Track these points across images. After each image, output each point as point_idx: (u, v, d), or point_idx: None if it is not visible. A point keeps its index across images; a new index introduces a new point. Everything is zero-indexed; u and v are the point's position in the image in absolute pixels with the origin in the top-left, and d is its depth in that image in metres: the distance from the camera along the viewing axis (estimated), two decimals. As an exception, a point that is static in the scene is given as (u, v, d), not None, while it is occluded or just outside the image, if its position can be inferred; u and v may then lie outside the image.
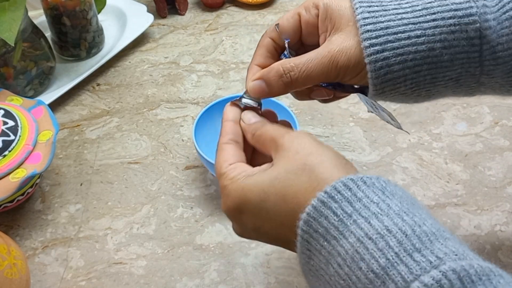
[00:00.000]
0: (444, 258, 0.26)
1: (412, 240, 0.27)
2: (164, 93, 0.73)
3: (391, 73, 0.36)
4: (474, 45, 0.35)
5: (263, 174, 0.34)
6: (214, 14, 0.88)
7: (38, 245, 0.56)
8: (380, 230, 0.28)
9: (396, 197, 0.30)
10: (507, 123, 0.66)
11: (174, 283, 0.52)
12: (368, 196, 0.29)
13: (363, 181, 0.30)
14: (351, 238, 0.28)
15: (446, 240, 0.28)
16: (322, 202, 0.30)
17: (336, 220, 0.29)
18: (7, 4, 0.58)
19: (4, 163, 0.52)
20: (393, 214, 0.28)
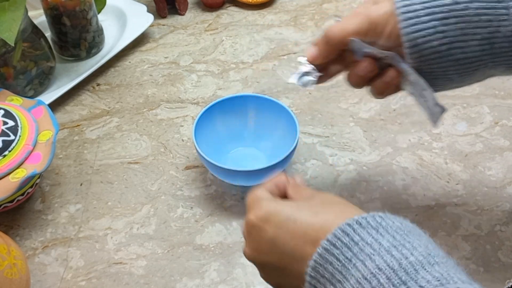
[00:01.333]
0: (426, 286, 0.29)
1: (399, 274, 0.30)
2: (164, 93, 0.73)
3: (421, 24, 0.38)
4: (500, 1, 0.37)
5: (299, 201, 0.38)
6: (214, 14, 0.88)
7: (38, 245, 0.56)
8: (373, 270, 0.31)
9: (390, 231, 0.32)
10: (507, 123, 0.66)
11: (174, 283, 0.52)
12: (363, 238, 0.32)
13: (359, 223, 0.33)
14: (352, 280, 0.31)
15: (432, 266, 0.30)
16: (326, 250, 0.33)
17: (339, 265, 0.32)
18: (7, 4, 0.58)
19: (4, 163, 0.52)
20: (384, 252, 0.31)
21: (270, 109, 0.61)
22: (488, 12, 0.37)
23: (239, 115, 0.62)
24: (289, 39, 0.81)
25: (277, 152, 0.58)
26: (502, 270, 0.52)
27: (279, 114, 0.60)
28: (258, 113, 0.62)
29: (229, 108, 0.61)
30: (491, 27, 0.37)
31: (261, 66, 0.77)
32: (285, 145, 0.58)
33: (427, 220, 0.56)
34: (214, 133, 0.61)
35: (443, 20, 0.38)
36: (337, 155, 0.63)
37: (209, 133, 0.60)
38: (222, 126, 0.62)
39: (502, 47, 0.38)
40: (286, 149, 0.56)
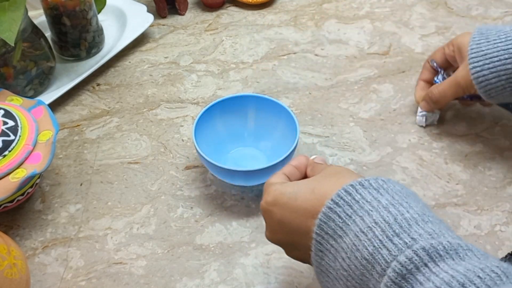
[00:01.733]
0: (418, 238, 0.32)
1: (393, 227, 0.33)
2: (164, 93, 0.73)
3: (490, 85, 0.54)
4: None
5: (303, 179, 0.42)
6: (214, 14, 0.88)
7: (38, 245, 0.56)
8: (369, 224, 0.34)
9: (390, 192, 0.36)
10: (507, 123, 0.66)
11: (174, 283, 0.52)
12: (364, 197, 0.35)
13: (361, 184, 0.36)
14: (351, 234, 0.34)
15: (426, 223, 0.33)
16: (329, 208, 0.36)
17: (340, 222, 0.35)
18: (7, 4, 0.58)
19: (4, 163, 0.52)
20: (381, 208, 0.34)
21: (270, 109, 0.61)
22: None
23: (239, 115, 0.62)
24: (289, 39, 0.81)
25: (277, 152, 0.58)
26: (502, 270, 0.52)
27: (279, 114, 0.60)
28: (258, 113, 0.62)
29: (229, 108, 0.61)
30: None
31: (261, 66, 0.77)
32: (285, 145, 0.58)
33: (427, 220, 0.56)
34: (214, 133, 0.61)
35: (509, 79, 0.52)
36: (337, 155, 0.63)
37: (209, 133, 0.60)
38: (222, 126, 0.62)
39: None
40: (286, 149, 0.56)
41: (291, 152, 0.55)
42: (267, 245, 0.55)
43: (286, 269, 0.53)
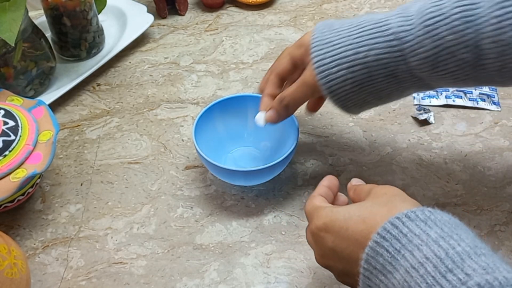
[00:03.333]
0: (472, 274, 0.30)
1: (445, 263, 0.32)
2: (164, 93, 0.73)
3: (332, 74, 0.47)
4: (394, 46, 0.44)
5: (353, 204, 0.41)
6: (214, 15, 0.88)
7: (38, 245, 0.56)
8: (420, 259, 0.33)
9: (438, 223, 0.35)
10: (507, 123, 0.66)
11: (174, 283, 0.52)
12: (412, 230, 0.35)
13: (408, 216, 0.35)
14: (401, 270, 0.33)
15: (479, 257, 0.32)
16: (376, 243, 0.36)
17: (389, 257, 0.35)
18: (7, 4, 0.58)
19: (5, 163, 0.52)
20: (431, 242, 0.33)
21: None
22: (386, 56, 0.45)
23: (239, 115, 0.62)
24: (289, 39, 0.81)
25: (277, 152, 0.59)
26: (502, 270, 0.52)
27: None
28: None
29: (229, 108, 0.61)
30: (391, 67, 0.45)
31: (261, 66, 0.77)
32: (285, 145, 0.58)
33: (427, 220, 0.56)
34: (214, 133, 0.61)
35: (349, 69, 0.46)
36: (337, 155, 0.64)
37: (209, 133, 0.60)
38: (222, 126, 0.62)
39: (404, 77, 0.46)
40: (286, 149, 0.56)
41: (291, 152, 0.55)
42: (267, 245, 0.55)
43: (286, 269, 0.53)
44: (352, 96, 0.48)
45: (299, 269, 0.53)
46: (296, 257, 0.54)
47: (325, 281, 0.52)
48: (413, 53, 0.43)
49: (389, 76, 0.46)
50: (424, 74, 0.45)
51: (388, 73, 0.46)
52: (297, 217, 0.57)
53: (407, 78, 0.46)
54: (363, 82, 0.47)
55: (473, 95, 0.69)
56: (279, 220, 0.57)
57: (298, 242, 0.55)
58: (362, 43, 0.45)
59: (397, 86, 0.47)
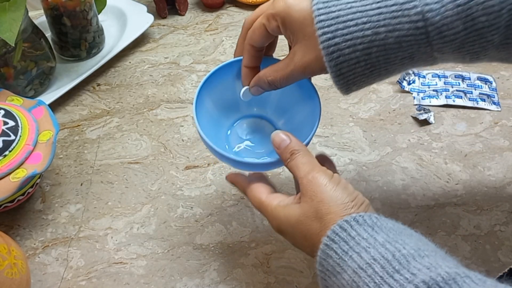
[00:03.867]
0: (418, 273, 0.32)
1: (392, 264, 0.33)
2: (164, 93, 0.73)
3: (343, 56, 0.40)
4: (419, 27, 0.38)
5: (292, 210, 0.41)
6: (214, 15, 0.88)
7: (38, 245, 0.56)
8: (368, 260, 0.34)
9: (384, 230, 0.36)
10: (507, 123, 0.66)
11: (174, 283, 0.52)
12: (359, 233, 0.36)
13: (356, 220, 0.37)
14: (349, 271, 0.35)
15: (422, 258, 0.34)
16: (326, 245, 0.37)
17: (337, 258, 0.36)
18: (7, 4, 0.58)
19: (5, 163, 0.52)
20: (378, 245, 0.35)
21: None
22: (408, 39, 0.39)
23: (228, 88, 0.52)
24: (289, 39, 0.81)
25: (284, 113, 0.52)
26: (502, 270, 0.52)
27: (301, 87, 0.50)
28: None
29: (216, 85, 0.51)
30: (411, 49, 0.40)
31: (261, 66, 0.77)
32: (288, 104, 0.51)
33: (427, 220, 0.56)
34: (211, 118, 0.53)
35: (365, 50, 0.40)
36: (337, 155, 0.64)
37: (207, 119, 0.52)
38: (215, 107, 0.53)
39: (420, 59, 0.41)
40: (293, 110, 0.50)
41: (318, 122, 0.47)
42: (267, 245, 0.55)
43: (286, 269, 0.53)
44: (360, 79, 0.43)
45: (299, 269, 0.53)
46: (296, 257, 0.54)
47: (325, 281, 0.52)
48: (440, 35, 0.38)
49: (406, 59, 0.41)
50: (444, 56, 0.41)
51: (406, 56, 0.41)
52: (297, 217, 0.57)
53: (422, 58, 0.41)
54: (377, 65, 0.41)
55: (473, 95, 0.69)
56: (279, 220, 0.57)
57: (298, 242, 0.55)
58: (381, 22, 0.39)
59: (410, 67, 0.43)
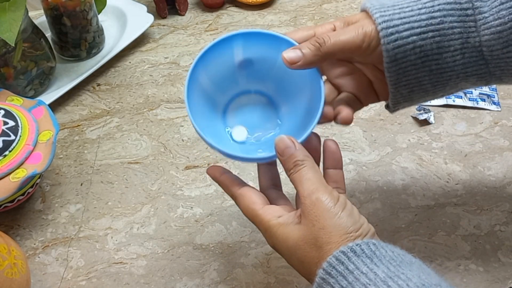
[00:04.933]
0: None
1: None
2: (164, 93, 0.73)
3: (401, 39, 0.40)
4: (468, 15, 0.40)
5: (290, 231, 0.38)
6: (214, 15, 0.88)
7: (38, 245, 0.56)
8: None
9: (384, 261, 0.34)
10: (507, 123, 0.66)
11: (174, 283, 0.52)
12: (358, 267, 0.33)
13: (353, 251, 0.34)
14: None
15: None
16: (322, 279, 0.34)
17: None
18: (7, 4, 0.58)
19: (5, 163, 0.52)
20: (380, 282, 0.32)
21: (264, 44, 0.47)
22: (460, 25, 0.40)
23: (223, 63, 0.48)
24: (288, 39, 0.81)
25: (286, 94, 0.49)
26: (502, 270, 0.52)
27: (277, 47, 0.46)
28: (247, 49, 0.47)
29: (213, 59, 0.46)
30: (462, 38, 0.40)
31: (261, 66, 0.77)
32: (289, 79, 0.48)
33: (427, 220, 0.56)
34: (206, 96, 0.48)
35: (421, 35, 0.40)
36: (337, 155, 0.63)
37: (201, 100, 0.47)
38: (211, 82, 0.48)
39: (471, 56, 0.41)
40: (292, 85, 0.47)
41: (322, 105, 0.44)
42: (267, 245, 0.55)
43: (286, 269, 0.53)
44: (411, 71, 0.42)
45: (299, 269, 0.53)
46: (296, 257, 0.54)
47: (325, 281, 0.52)
48: (487, 25, 0.39)
49: (457, 52, 0.41)
50: (493, 54, 0.40)
51: (457, 47, 0.40)
52: (297, 217, 0.57)
53: (473, 59, 0.41)
54: (430, 55, 0.41)
55: (473, 95, 0.69)
56: (279, 220, 0.57)
57: (298, 242, 0.55)
58: (436, 7, 0.40)
59: (460, 69, 0.42)
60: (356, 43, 0.41)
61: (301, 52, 0.41)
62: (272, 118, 0.50)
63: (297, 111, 0.48)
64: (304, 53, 0.41)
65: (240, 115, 0.50)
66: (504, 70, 0.41)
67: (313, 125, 0.43)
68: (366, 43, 0.41)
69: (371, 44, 0.41)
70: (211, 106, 0.49)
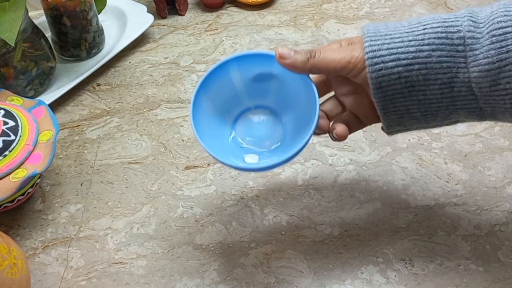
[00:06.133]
0: None
1: None
2: (164, 93, 0.73)
3: (386, 69, 0.42)
4: (459, 51, 0.40)
5: None
6: (214, 15, 0.88)
7: (38, 245, 0.56)
8: None
9: None
10: (507, 123, 0.66)
11: (174, 283, 0.52)
12: None
13: None
14: None
15: None
16: None
17: None
18: (7, 4, 0.58)
19: (5, 163, 0.52)
20: None
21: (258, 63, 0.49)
22: (449, 60, 0.41)
23: (226, 82, 0.51)
24: (288, 39, 0.81)
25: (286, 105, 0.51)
26: (502, 270, 0.52)
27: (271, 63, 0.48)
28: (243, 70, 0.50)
29: (214, 84, 0.50)
30: (450, 73, 0.41)
31: (261, 66, 0.77)
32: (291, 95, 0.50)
33: (427, 220, 0.56)
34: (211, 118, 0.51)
35: (407, 67, 0.41)
36: (337, 155, 0.64)
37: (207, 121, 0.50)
38: (214, 106, 0.51)
39: (460, 91, 0.42)
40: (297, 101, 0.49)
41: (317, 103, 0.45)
42: (267, 245, 0.55)
43: (286, 269, 0.53)
44: (398, 99, 0.43)
45: (299, 269, 0.53)
46: (296, 257, 0.54)
47: (325, 281, 0.52)
48: (476, 62, 0.40)
49: (445, 85, 0.42)
50: (482, 91, 0.41)
51: (445, 81, 0.42)
52: (297, 217, 0.57)
53: (462, 93, 0.42)
54: (416, 86, 0.42)
55: (473, 95, 0.69)
56: (279, 220, 0.57)
57: (298, 242, 0.55)
58: (426, 41, 0.41)
59: (449, 101, 0.43)
60: (341, 64, 0.43)
61: (293, 53, 0.44)
62: (278, 128, 0.52)
63: (298, 119, 0.50)
64: (295, 56, 0.44)
65: (248, 130, 0.53)
66: (495, 108, 0.41)
67: (308, 137, 0.45)
68: (352, 65, 0.43)
69: (356, 66, 0.43)
70: (217, 126, 0.52)
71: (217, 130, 0.51)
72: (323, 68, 0.44)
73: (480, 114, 0.43)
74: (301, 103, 0.50)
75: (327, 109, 0.49)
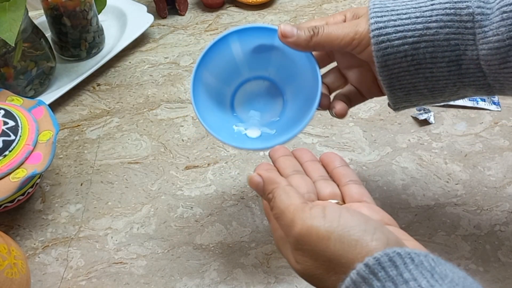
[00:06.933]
0: None
1: None
2: (164, 93, 0.73)
3: (392, 48, 0.40)
4: (467, 27, 0.39)
5: None
6: (214, 15, 0.88)
7: (38, 245, 0.56)
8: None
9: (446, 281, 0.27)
10: (507, 123, 0.66)
11: (174, 283, 0.52)
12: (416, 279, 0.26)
13: (411, 258, 0.28)
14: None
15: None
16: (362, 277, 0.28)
17: None
18: (7, 4, 0.58)
19: (5, 163, 0.52)
20: None
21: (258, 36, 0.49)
22: (457, 37, 0.39)
23: (226, 55, 0.50)
24: (289, 39, 0.81)
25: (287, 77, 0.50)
26: (502, 270, 0.52)
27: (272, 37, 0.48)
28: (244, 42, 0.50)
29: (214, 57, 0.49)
30: (458, 50, 0.40)
31: (261, 66, 0.77)
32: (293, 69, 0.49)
33: (427, 220, 0.56)
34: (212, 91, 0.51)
35: (414, 45, 0.40)
36: (337, 155, 0.63)
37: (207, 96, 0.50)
38: (215, 78, 0.51)
39: (468, 68, 0.40)
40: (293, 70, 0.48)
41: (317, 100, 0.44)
42: (267, 245, 0.55)
43: (286, 269, 0.53)
44: (404, 76, 0.42)
45: (299, 269, 0.53)
46: (296, 257, 0.54)
47: (325, 281, 0.52)
48: (485, 40, 0.38)
49: (453, 63, 0.40)
50: (491, 68, 0.40)
51: (453, 58, 0.40)
52: (297, 217, 0.57)
53: (470, 71, 0.41)
54: (423, 63, 0.41)
55: (473, 95, 0.69)
56: (279, 220, 0.57)
57: (298, 242, 0.55)
58: (433, 17, 0.39)
59: (456, 78, 0.41)
60: (346, 40, 0.42)
61: (296, 31, 0.42)
62: (277, 100, 0.52)
63: (299, 94, 0.50)
64: (298, 33, 0.42)
65: (247, 103, 0.52)
66: (503, 84, 0.40)
67: (311, 115, 0.44)
68: (357, 41, 0.42)
69: (361, 43, 0.41)
70: (218, 101, 0.51)
71: (217, 106, 0.51)
72: (327, 46, 0.43)
73: (488, 90, 0.41)
74: (302, 76, 0.49)
75: (328, 82, 0.48)
